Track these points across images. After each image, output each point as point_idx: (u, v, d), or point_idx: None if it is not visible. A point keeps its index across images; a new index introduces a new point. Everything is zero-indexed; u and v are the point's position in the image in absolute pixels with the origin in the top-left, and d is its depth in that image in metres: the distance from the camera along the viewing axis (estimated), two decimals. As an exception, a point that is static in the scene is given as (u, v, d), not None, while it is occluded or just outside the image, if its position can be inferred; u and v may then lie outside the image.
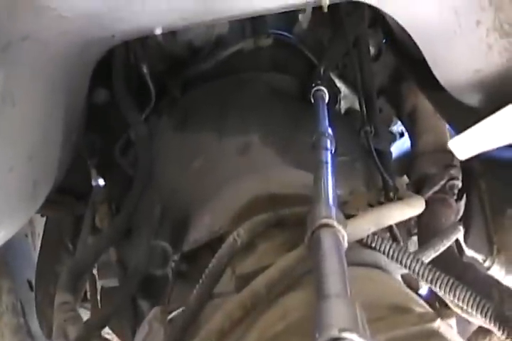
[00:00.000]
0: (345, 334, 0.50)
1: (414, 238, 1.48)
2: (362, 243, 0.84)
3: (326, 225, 0.71)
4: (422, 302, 0.76)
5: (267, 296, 0.72)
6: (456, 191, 1.48)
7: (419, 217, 1.43)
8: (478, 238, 1.42)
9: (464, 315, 0.99)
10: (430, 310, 0.75)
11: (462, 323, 0.99)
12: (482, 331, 1.15)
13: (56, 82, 1.03)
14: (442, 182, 1.46)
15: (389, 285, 0.78)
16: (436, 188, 1.46)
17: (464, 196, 1.51)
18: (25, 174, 0.99)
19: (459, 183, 1.47)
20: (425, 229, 1.41)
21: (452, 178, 1.46)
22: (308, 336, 0.53)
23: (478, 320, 0.92)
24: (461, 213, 1.50)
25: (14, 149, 0.95)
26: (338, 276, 0.60)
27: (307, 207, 0.81)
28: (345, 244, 0.72)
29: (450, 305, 1.00)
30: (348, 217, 0.84)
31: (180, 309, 0.81)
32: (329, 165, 0.94)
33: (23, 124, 0.96)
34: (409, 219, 1.43)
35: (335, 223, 0.72)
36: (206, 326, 0.70)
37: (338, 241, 0.69)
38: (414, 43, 1.06)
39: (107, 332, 1.26)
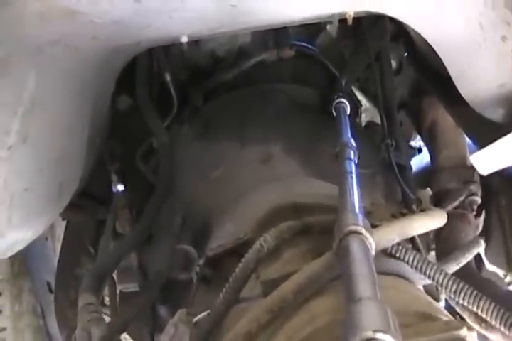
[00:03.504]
0: (379, 335, 0.50)
1: (432, 253, 1.48)
2: (386, 252, 0.84)
3: (354, 232, 0.72)
4: (446, 311, 0.76)
5: (294, 301, 0.72)
6: (475, 207, 1.47)
7: (438, 231, 1.43)
8: (496, 254, 1.42)
9: (482, 330, 0.99)
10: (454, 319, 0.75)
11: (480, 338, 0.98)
12: (500, 346, 1.14)
13: (84, 87, 1.04)
14: (462, 198, 1.46)
15: (414, 294, 0.78)
16: (455, 204, 1.45)
17: (484, 212, 1.51)
18: (53, 176, 1.00)
19: (478, 199, 1.47)
20: (444, 244, 1.40)
21: (472, 194, 1.46)
22: (336, 341, 0.53)
23: (495, 336, 0.92)
24: (480, 229, 1.50)
25: (44, 151, 0.96)
26: (369, 280, 0.61)
27: (332, 216, 0.82)
28: (373, 252, 0.73)
29: (468, 319, 0.99)
30: (373, 226, 0.85)
31: (206, 312, 0.81)
32: (354, 175, 0.94)
33: (52, 127, 0.97)
34: (428, 234, 1.43)
35: (363, 230, 0.72)
36: (233, 329, 0.70)
37: (366, 248, 0.70)
38: (437, 57, 1.06)
39: (123, 336, 1.26)
